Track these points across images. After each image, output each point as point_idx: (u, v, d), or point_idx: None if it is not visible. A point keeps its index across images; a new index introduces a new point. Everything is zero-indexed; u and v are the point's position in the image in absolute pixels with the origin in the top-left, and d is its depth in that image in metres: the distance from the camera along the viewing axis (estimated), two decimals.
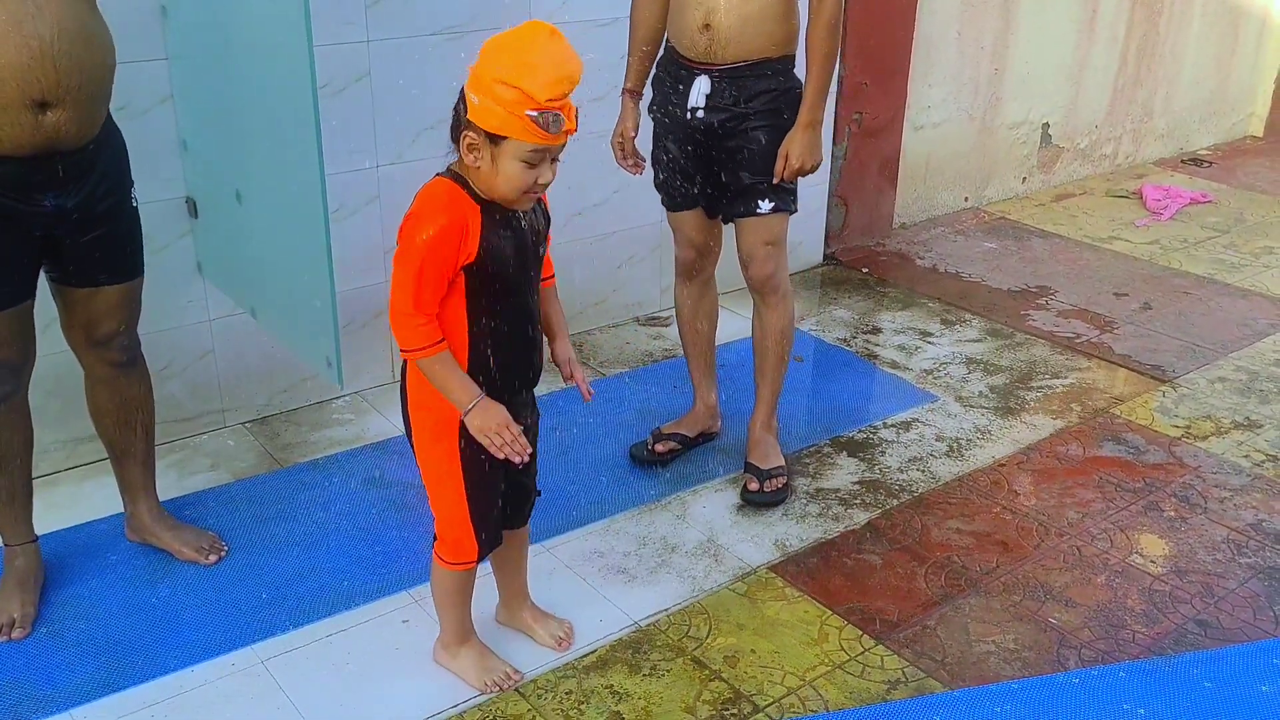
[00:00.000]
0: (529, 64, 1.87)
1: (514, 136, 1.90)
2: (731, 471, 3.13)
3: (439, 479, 2.18)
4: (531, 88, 1.86)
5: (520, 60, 1.87)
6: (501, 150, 1.92)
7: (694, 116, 2.79)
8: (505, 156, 1.92)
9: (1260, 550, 2.89)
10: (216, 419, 3.26)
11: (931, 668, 2.45)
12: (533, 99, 1.86)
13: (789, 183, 2.82)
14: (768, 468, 3.01)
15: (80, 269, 2.36)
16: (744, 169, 2.81)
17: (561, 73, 1.89)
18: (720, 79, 2.74)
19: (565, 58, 1.90)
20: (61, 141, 2.16)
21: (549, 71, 1.88)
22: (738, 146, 2.79)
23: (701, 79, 2.76)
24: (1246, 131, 6.90)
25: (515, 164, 1.93)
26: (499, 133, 1.90)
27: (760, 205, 2.83)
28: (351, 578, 2.67)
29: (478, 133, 1.92)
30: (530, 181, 1.95)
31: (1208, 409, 3.60)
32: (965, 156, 5.31)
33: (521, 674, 2.37)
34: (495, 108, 1.88)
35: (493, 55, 1.89)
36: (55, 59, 2.07)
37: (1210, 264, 4.81)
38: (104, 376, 2.53)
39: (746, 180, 2.81)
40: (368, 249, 3.35)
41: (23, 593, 2.50)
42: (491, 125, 1.90)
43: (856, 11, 4.34)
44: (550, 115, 1.89)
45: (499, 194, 1.98)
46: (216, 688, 2.34)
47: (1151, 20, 5.87)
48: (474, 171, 1.98)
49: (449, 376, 2.02)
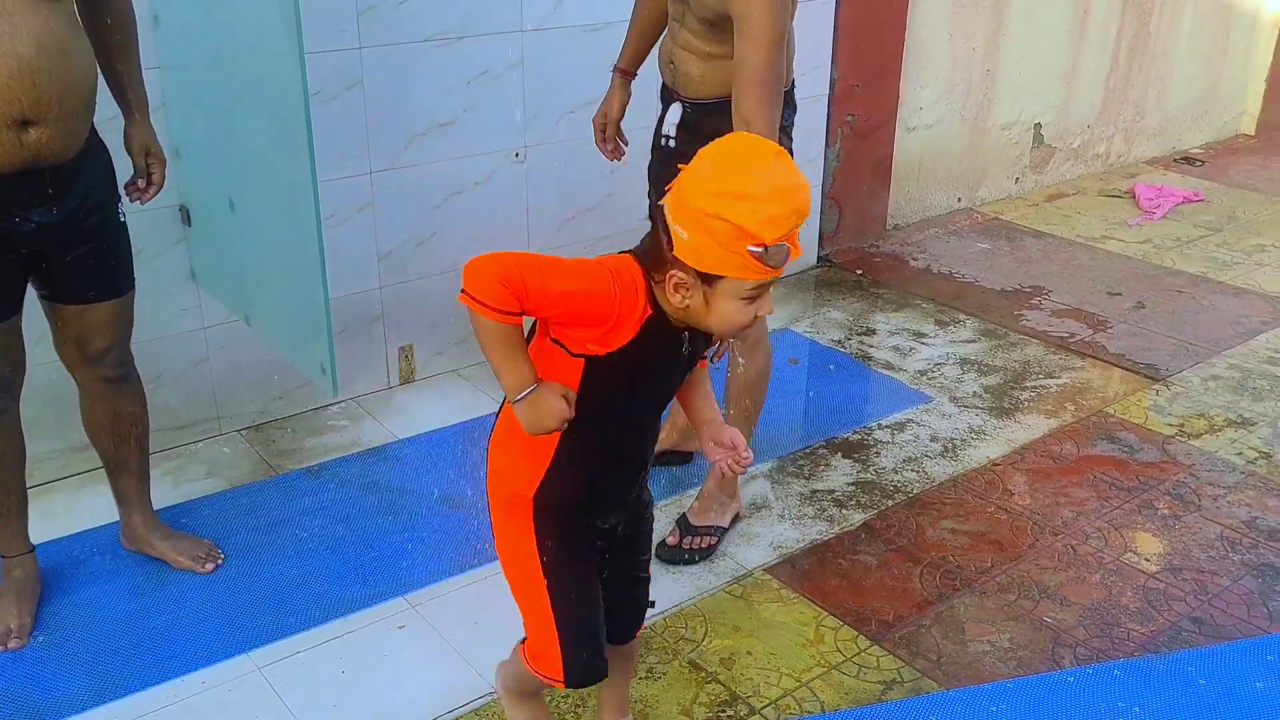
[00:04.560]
0: (751, 196, 1.51)
1: (732, 276, 1.57)
2: None
3: (519, 575, 1.86)
4: (757, 226, 1.51)
5: (739, 191, 1.52)
6: (717, 290, 1.59)
7: (666, 142, 2.69)
8: (722, 296, 1.60)
9: (1254, 547, 2.89)
10: (211, 427, 3.26)
11: (927, 668, 2.46)
12: (757, 237, 1.52)
13: None
14: (698, 524, 2.80)
15: (69, 286, 2.36)
16: None
17: (790, 206, 1.53)
18: (691, 110, 2.61)
19: (794, 186, 1.55)
20: (44, 158, 2.15)
21: (776, 206, 1.52)
22: None
23: (675, 106, 2.65)
24: (1238, 130, 6.92)
25: (734, 303, 1.60)
26: (714, 272, 1.57)
27: None
28: (348, 584, 2.67)
29: (687, 272, 1.59)
30: (750, 317, 1.63)
31: (1201, 407, 3.61)
32: (958, 157, 5.32)
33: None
34: (710, 244, 1.54)
35: (703, 182, 1.54)
36: (35, 76, 2.05)
37: (1203, 262, 4.82)
38: (97, 392, 2.53)
39: None
40: (361, 255, 3.36)
41: (19, 603, 2.50)
42: (705, 265, 1.56)
43: (848, 14, 4.35)
44: (776, 249, 1.54)
45: (707, 328, 1.68)
46: (213, 695, 2.35)
47: (1142, 20, 5.88)
48: (669, 301, 1.65)
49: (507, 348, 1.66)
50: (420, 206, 3.43)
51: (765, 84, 2.33)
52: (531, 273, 1.60)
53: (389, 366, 3.55)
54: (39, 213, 2.21)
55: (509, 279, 1.59)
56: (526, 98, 3.53)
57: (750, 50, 2.32)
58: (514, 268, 1.60)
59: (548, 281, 1.61)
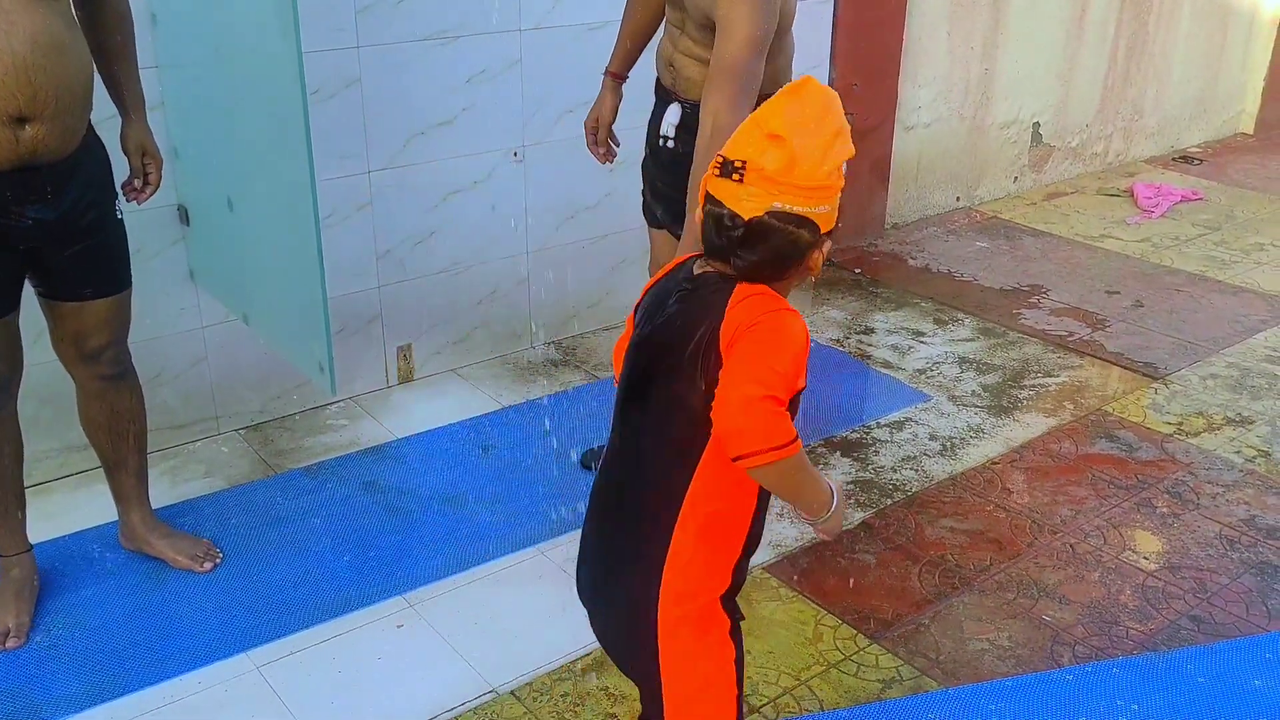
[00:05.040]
0: (843, 129, 1.50)
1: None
2: None
3: (713, 699, 1.65)
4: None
5: (838, 128, 1.49)
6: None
7: (664, 143, 2.69)
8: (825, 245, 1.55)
9: (1253, 545, 2.89)
10: (210, 426, 3.26)
11: (926, 666, 2.46)
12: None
13: None
14: None
15: (66, 283, 2.36)
16: None
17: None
18: (691, 112, 2.59)
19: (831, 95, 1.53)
20: (41, 155, 2.15)
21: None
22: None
23: (674, 107, 2.65)
24: (1237, 129, 6.92)
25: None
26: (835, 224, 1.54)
27: None
28: (346, 583, 2.67)
29: (822, 236, 1.53)
30: None
31: (1200, 405, 3.61)
32: (956, 156, 5.32)
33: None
34: (835, 194, 1.51)
35: (810, 148, 1.46)
36: (31, 73, 2.06)
37: (1201, 261, 4.83)
38: (95, 390, 2.53)
39: None
40: (359, 254, 3.36)
41: (18, 602, 2.49)
42: (834, 219, 1.53)
43: (846, 13, 4.35)
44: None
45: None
46: (212, 694, 2.35)
47: (1140, 19, 5.88)
48: (812, 275, 1.59)
49: (810, 474, 1.55)
50: (419, 206, 3.43)
51: (737, 80, 2.34)
52: (790, 364, 1.47)
53: (387, 366, 3.55)
54: (36, 210, 2.21)
55: (779, 410, 1.44)
56: (525, 97, 3.53)
57: (727, 48, 2.34)
58: (783, 383, 1.45)
59: (800, 353, 1.49)
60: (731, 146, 1.50)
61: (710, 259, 1.57)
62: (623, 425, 1.66)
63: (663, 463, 1.58)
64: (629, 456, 1.65)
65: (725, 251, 1.52)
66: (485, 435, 3.31)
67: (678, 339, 1.53)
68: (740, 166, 1.47)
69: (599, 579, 1.72)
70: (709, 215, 1.53)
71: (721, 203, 1.50)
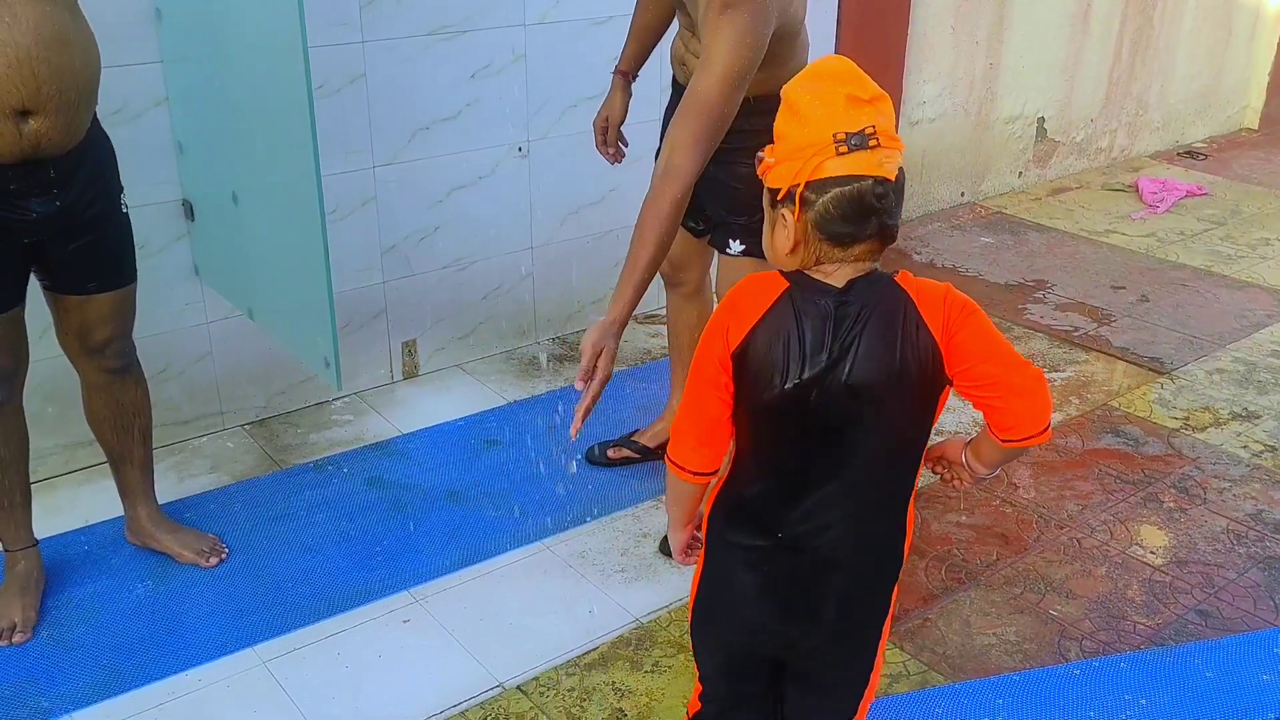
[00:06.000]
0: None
1: None
2: None
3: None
4: None
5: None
6: None
7: None
8: None
9: (1260, 540, 2.89)
10: (215, 421, 3.26)
11: (933, 660, 2.45)
12: None
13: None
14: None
15: (70, 276, 2.35)
16: (719, 202, 2.64)
17: None
18: None
19: None
20: (45, 149, 2.15)
21: None
22: (714, 176, 2.51)
23: None
24: (1241, 124, 6.91)
25: None
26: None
27: (730, 245, 2.64)
28: (352, 578, 2.67)
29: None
30: None
31: (1206, 400, 3.60)
32: (961, 151, 5.32)
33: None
34: None
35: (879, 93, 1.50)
36: (34, 66, 2.05)
37: (1207, 256, 4.82)
38: (100, 383, 2.52)
39: (721, 214, 2.66)
40: (364, 249, 3.35)
41: (24, 597, 2.49)
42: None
43: (850, 7, 4.34)
44: None
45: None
46: (218, 689, 2.34)
47: (1145, 13, 5.87)
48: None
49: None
50: (423, 201, 3.43)
51: (706, 117, 2.23)
52: None
53: (392, 361, 3.55)
54: (40, 203, 2.20)
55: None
56: (529, 92, 3.52)
57: (703, 82, 2.23)
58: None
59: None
60: (842, 120, 1.44)
61: (838, 247, 1.49)
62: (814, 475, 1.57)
63: (886, 482, 1.60)
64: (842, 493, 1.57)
65: (874, 226, 1.48)
66: (490, 430, 3.31)
67: (893, 355, 1.50)
68: (872, 133, 1.44)
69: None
70: (841, 198, 1.45)
71: (859, 176, 1.44)
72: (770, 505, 1.58)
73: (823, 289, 1.51)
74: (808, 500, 1.56)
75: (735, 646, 1.71)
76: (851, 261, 1.51)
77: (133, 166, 2.46)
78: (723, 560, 1.65)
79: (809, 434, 1.53)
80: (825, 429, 1.52)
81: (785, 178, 1.47)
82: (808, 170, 1.44)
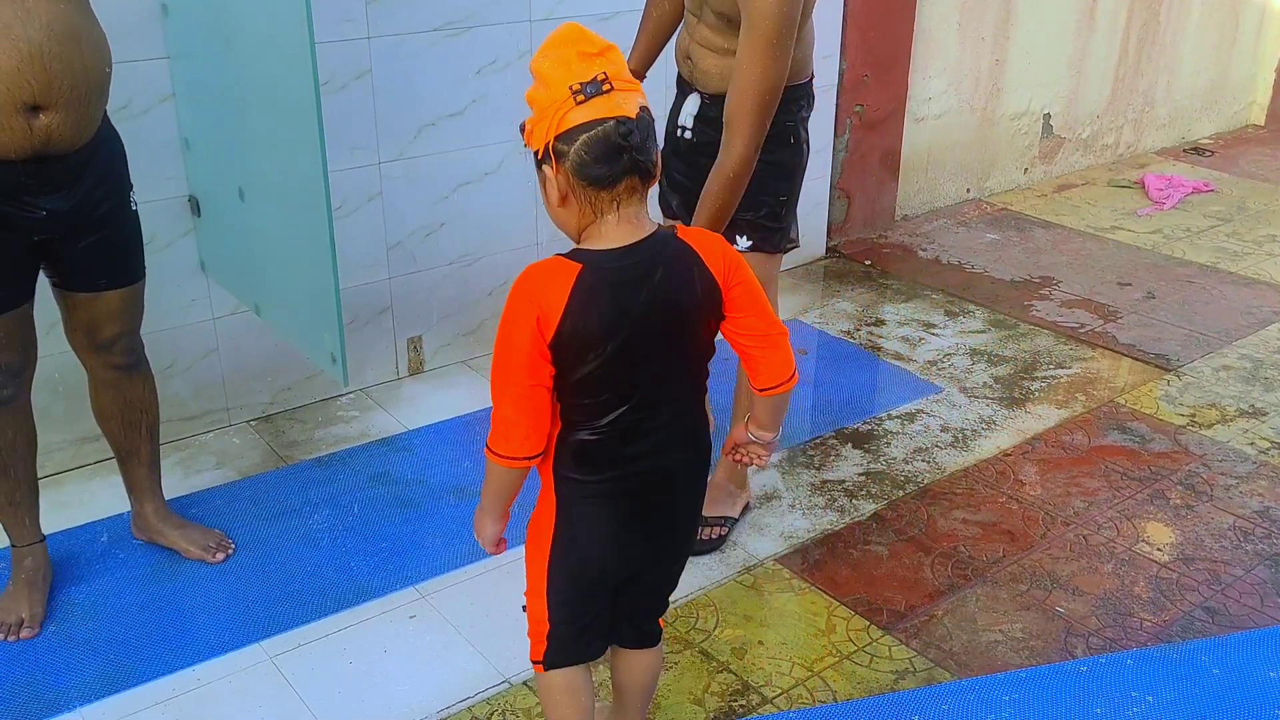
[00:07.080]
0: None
1: None
2: None
3: None
4: None
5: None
6: None
7: (682, 134, 2.66)
8: None
9: (1267, 537, 2.88)
10: (221, 417, 3.26)
11: (939, 657, 2.45)
12: None
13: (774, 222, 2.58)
14: (709, 515, 2.78)
15: (80, 274, 2.36)
16: None
17: None
18: (709, 103, 2.58)
19: None
20: (55, 145, 2.15)
21: None
22: None
23: (693, 97, 2.62)
24: (1248, 120, 6.89)
25: None
26: None
27: (737, 241, 2.59)
28: (358, 574, 2.67)
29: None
30: None
31: (1212, 397, 3.59)
32: (967, 148, 5.31)
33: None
34: None
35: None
36: (46, 62, 2.05)
37: (1213, 253, 4.81)
38: (107, 380, 2.53)
39: None
40: (370, 245, 3.35)
41: (31, 593, 2.50)
42: None
43: (857, 4, 4.34)
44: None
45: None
46: (225, 685, 2.35)
47: (1152, 9, 5.86)
48: None
49: None
50: (429, 197, 3.43)
51: (762, 93, 2.30)
52: None
53: (398, 357, 3.55)
54: (50, 200, 2.20)
55: None
56: None
57: (752, 50, 2.28)
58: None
59: None
60: (577, 74, 1.59)
61: (603, 190, 1.61)
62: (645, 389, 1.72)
63: (695, 387, 1.80)
64: (664, 402, 1.75)
65: (627, 163, 1.58)
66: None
67: (686, 296, 1.68)
68: (604, 79, 1.58)
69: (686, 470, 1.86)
70: (590, 142, 1.57)
71: (600, 119, 1.56)
72: (612, 443, 1.72)
73: (610, 257, 1.64)
74: (645, 427, 1.72)
75: (600, 569, 1.84)
76: (621, 207, 1.62)
77: (139, 162, 2.46)
78: (577, 495, 1.78)
79: (633, 378, 1.68)
80: (646, 371, 1.69)
81: (540, 138, 1.61)
82: (555, 126, 1.59)
